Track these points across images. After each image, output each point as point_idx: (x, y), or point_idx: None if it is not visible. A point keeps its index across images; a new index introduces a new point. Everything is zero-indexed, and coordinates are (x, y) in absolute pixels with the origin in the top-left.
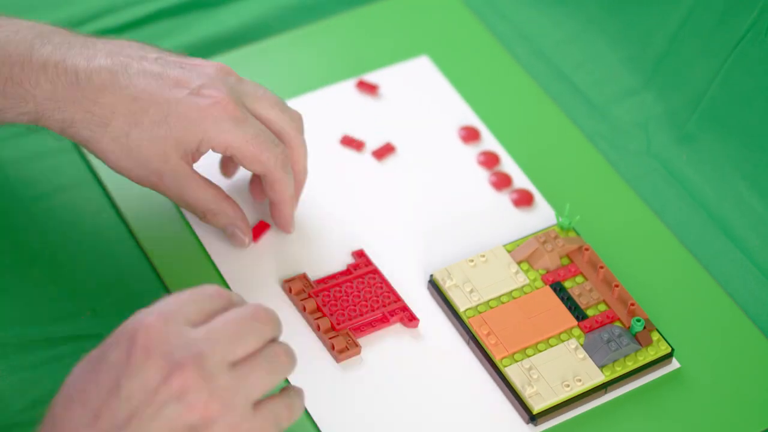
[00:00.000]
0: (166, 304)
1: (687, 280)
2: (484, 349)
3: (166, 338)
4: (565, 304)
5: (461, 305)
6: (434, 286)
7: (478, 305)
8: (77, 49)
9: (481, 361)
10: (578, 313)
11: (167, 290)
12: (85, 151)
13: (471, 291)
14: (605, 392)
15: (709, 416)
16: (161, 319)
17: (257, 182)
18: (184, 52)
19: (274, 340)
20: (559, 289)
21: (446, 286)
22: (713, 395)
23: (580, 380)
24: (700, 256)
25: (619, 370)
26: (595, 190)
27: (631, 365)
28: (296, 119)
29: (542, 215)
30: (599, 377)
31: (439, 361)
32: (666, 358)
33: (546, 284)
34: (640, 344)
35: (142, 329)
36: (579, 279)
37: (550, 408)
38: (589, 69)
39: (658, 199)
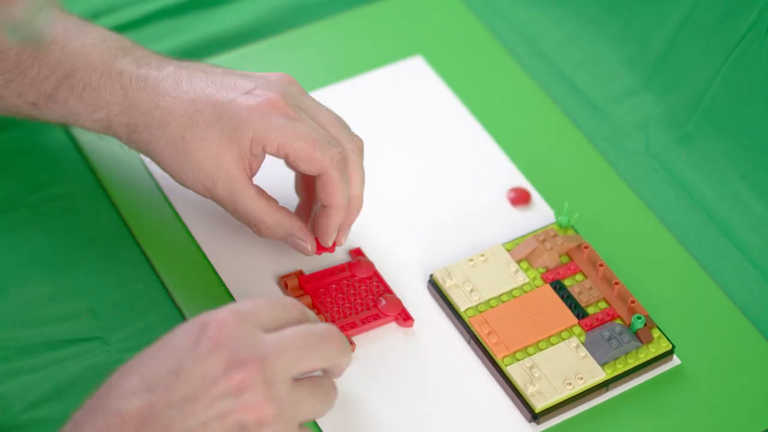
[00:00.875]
0: (241, 305)
1: (686, 280)
2: (485, 348)
3: (236, 335)
4: (565, 302)
5: (462, 305)
6: (434, 285)
7: (478, 305)
8: (154, 62)
9: (482, 361)
10: (578, 312)
11: (167, 291)
12: (85, 151)
13: (471, 290)
14: (607, 390)
15: (708, 416)
16: (235, 316)
17: (305, 183)
18: (184, 51)
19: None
20: (558, 287)
21: (446, 285)
22: (712, 396)
23: (581, 378)
24: (699, 256)
25: (621, 368)
26: (594, 190)
27: (632, 363)
28: (356, 141)
29: (541, 214)
30: (601, 375)
31: (439, 361)
32: (667, 355)
33: (546, 283)
34: (641, 341)
35: (214, 322)
36: (579, 277)
37: (552, 406)
38: (589, 69)
39: (657, 200)
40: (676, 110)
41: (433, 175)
